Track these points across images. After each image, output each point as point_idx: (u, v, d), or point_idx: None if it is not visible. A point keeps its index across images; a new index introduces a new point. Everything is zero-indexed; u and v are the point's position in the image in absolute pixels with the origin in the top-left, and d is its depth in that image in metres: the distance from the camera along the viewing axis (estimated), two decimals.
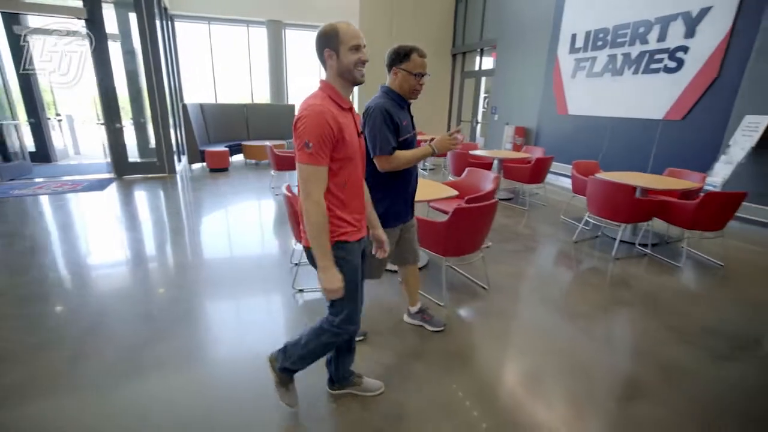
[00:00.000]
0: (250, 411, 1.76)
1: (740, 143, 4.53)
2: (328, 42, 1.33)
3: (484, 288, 2.94)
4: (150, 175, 6.93)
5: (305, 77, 11.55)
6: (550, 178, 7.09)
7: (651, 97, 5.69)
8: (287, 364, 1.65)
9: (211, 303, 2.75)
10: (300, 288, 2.89)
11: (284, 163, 5.92)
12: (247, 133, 9.49)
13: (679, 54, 5.30)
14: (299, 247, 3.19)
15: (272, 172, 6.22)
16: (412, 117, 1.99)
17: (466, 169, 3.85)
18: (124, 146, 6.69)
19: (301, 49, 11.18)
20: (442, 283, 2.77)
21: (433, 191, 2.92)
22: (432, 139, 1.88)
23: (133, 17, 6.35)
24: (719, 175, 4.55)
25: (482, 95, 10.47)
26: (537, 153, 5.85)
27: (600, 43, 6.46)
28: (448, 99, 11.68)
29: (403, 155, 1.84)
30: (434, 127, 11.42)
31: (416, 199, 2.15)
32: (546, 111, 7.68)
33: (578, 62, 6.88)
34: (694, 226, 3.46)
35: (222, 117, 9.08)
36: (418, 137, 3.31)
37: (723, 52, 4.81)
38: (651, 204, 3.58)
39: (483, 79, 10.31)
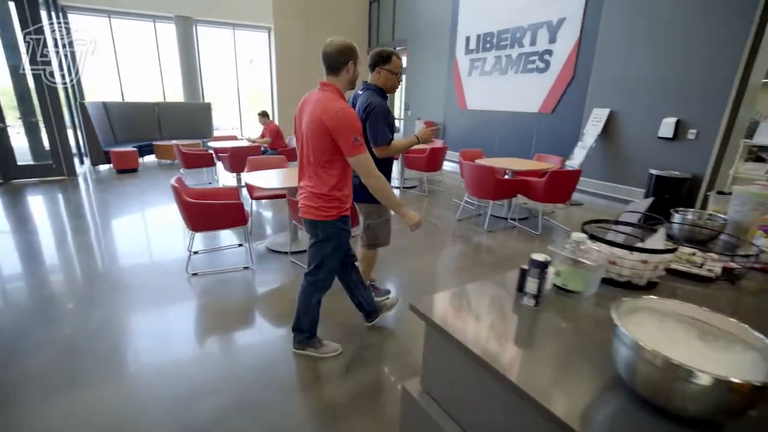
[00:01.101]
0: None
1: (590, 132, 5.46)
2: (354, 57, 1.76)
3: None
4: (45, 179, 6.48)
5: (220, 74, 11.33)
6: (453, 166, 7.81)
7: (529, 93, 6.56)
8: (304, 336, 2.10)
9: (111, 306, 2.83)
10: (194, 272, 3.08)
11: (193, 161, 5.91)
12: (159, 133, 9.14)
13: (546, 56, 6.19)
14: (191, 234, 3.36)
15: (181, 170, 6.16)
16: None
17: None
18: (9, 148, 6.19)
19: (216, 47, 10.94)
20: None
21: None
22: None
23: (13, 7, 5.89)
24: (577, 159, 5.44)
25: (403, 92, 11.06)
26: (436, 144, 6.46)
27: (488, 45, 7.26)
28: None
29: (397, 144, 2.22)
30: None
31: (284, 186, 2.51)
32: (450, 106, 8.41)
33: (472, 62, 7.65)
34: (546, 199, 4.19)
35: (130, 116, 8.66)
36: None
37: (575, 55, 5.73)
38: (513, 183, 4.26)
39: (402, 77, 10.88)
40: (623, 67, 5.14)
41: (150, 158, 8.65)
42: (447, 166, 7.03)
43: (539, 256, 1.07)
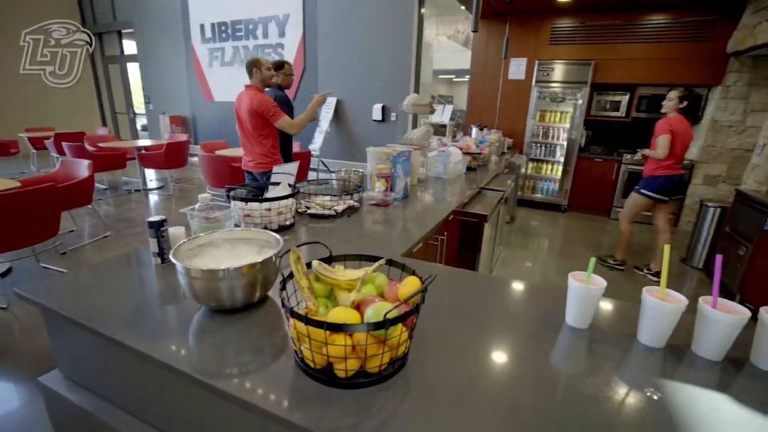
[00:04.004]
0: None
1: (325, 118, 6.20)
2: (256, 66, 2.60)
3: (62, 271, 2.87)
4: None
5: None
6: None
7: None
8: None
9: None
10: None
11: None
12: None
13: (280, 49, 6.58)
14: None
15: None
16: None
17: (59, 161, 3.52)
18: None
19: None
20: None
21: None
22: None
23: None
24: (317, 143, 6.09)
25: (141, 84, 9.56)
26: (179, 138, 5.99)
27: (224, 35, 7.12)
28: (95, 87, 9.99)
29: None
30: (83, 120, 9.55)
31: None
32: (196, 99, 7.89)
33: (211, 52, 7.36)
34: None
35: None
36: None
37: (303, 49, 6.32)
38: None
39: (136, 65, 9.37)
40: (342, 60, 6.00)
41: None
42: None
43: (155, 218, 1.17)
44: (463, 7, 5.01)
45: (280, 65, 3.04)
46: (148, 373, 0.88)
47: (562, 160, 5.08)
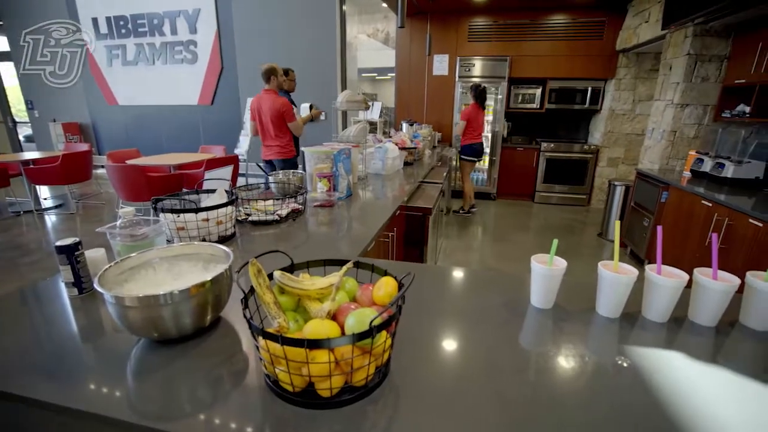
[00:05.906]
0: None
1: (248, 120, 5.85)
2: (274, 73, 3.28)
3: None
4: None
5: None
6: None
7: (184, 85, 6.29)
8: None
9: None
10: None
11: None
12: None
13: (192, 47, 6.07)
14: None
15: None
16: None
17: None
18: None
19: None
20: None
21: None
22: None
23: None
24: (243, 147, 5.74)
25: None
26: (79, 147, 5.26)
27: (124, 31, 6.38)
28: None
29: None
30: None
31: None
32: (95, 103, 6.98)
33: (109, 50, 6.56)
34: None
35: None
36: None
37: (218, 47, 5.91)
38: (171, 178, 4.01)
39: (11, 65, 8.00)
40: (263, 59, 5.66)
41: None
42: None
43: (66, 241, 0.98)
44: (384, 5, 5.05)
45: (285, 72, 3.71)
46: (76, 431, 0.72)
47: (488, 150, 5.37)
